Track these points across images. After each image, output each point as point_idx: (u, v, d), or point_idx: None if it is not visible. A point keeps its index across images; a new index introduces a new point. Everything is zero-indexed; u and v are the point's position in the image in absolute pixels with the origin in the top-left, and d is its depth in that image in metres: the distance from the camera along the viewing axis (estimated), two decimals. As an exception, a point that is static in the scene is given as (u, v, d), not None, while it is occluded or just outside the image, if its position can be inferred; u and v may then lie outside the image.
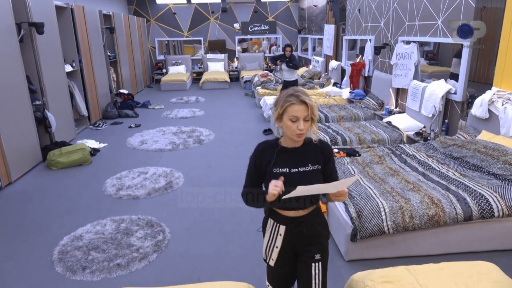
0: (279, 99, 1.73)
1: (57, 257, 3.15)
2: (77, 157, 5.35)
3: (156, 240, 3.35)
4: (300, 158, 1.77)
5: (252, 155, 1.85)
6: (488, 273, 2.11)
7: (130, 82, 10.67)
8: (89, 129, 7.44)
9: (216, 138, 6.64)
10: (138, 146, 6.22)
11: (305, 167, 1.76)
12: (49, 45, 5.87)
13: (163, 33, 13.28)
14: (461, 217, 2.91)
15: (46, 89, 5.71)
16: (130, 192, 4.41)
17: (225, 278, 2.80)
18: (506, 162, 3.35)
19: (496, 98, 3.96)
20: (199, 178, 4.83)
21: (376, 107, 6.55)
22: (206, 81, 11.98)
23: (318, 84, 9.29)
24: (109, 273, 2.93)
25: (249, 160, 1.87)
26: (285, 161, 1.76)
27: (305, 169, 1.76)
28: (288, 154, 1.77)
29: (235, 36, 13.54)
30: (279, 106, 1.70)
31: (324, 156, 1.81)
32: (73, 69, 6.95)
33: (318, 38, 11.34)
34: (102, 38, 8.38)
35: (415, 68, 5.63)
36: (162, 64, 13.43)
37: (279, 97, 1.73)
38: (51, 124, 5.68)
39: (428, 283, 2.03)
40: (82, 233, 3.51)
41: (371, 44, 7.21)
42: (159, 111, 9.02)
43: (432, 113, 4.94)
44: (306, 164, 1.77)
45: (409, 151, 4.19)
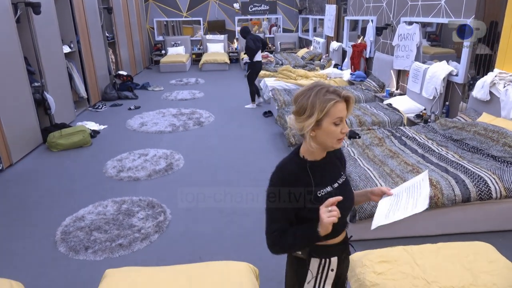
0: (311, 100, 1.28)
1: (60, 237, 3.20)
2: (77, 139, 5.36)
3: (157, 221, 3.39)
4: (332, 169, 1.44)
5: (279, 184, 1.37)
6: (484, 253, 2.15)
7: (129, 64, 10.57)
8: (88, 111, 7.42)
9: (216, 120, 6.63)
10: (138, 128, 6.21)
11: (341, 179, 1.44)
12: (47, 26, 5.79)
13: (162, 13, 13.07)
14: (459, 199, 2.94)
15: (44, 71, 5.66)
16: (131, 173, 4.43)
17: (225, 257, 2.84)
18: (506, 145, 3.36)
19: (498, 80, 3.93)
20: (199, 159, 4.85)
21: (377, 89, 6.51)
22: (206, 63, 11.87)
23: (318, 66, 9.21)
24: (112, 253, 2.98)
25: (270, 195, 1.38)
26: (322, 178, 1.39)
27: (341, 182, 1.44)
28: (321, 168, 1.40)
29: (235, 17, 13.33)
30: (318, 109, 1.27)
31: (341, 159, 1.53)
32: (71, 50, 6.87)
33: (319, 18, 11.17)
34: (100, 19, 8.26)
35: (417, 49, 5.57)
36: (161, 45, 13.27)
37: (309, 98, 1.29)
38: (50, 106, 5.66)
39: (425, 263, 2.07)
40: (84, 214, 3.55)
41: (372, 24, 7.11)
42: (158, 93, 8.97)
43: (433, 95, 4.92)
44: (340, 175, 1.45)
45: (409, 133, 4.19)
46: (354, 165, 3.41)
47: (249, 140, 5.55)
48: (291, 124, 1.36)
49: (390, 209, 1.38)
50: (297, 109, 1.32)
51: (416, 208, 1.31)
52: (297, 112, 1.32)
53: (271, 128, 6.05)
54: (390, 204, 1.40)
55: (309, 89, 1.32)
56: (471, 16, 4.38)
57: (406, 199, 1.38)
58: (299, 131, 1.34)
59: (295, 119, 1.34)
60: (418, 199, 1.34)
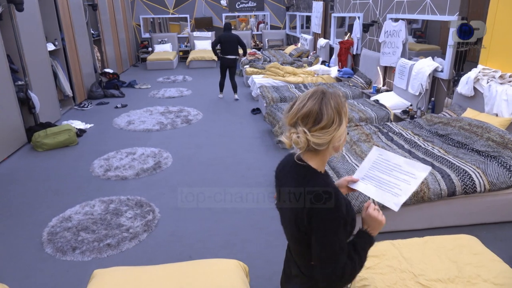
0: (334, 107, 1.19)
1: (46, 238, 3.15)
2: (63, 138, 5.28)
3: (146, 220, 3.37)
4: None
5: (341, 203, 1.21)
6: (469, 245, 2.20)
7: (115, 61, 10.44)
8: (74, 109, 7.31)
9: (204, 117, 6.61)
10: (125, 127, 6.15)
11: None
12: (30, 23, 5.68)
13: (148, 10, 12.92)
14: (445, 193, 2.99)
15: (28, 69, 5.55)
16: (119, 172, 4.39)
17: (215, 255, 2.84)
18: (489, 139, 3.43)
19: (482, 76, 4.01)
20: (188, 157, 4.83)
21: (364, 85, 6.57)
22: (193, 60, 11.80)
23: (306, 63, 9.24)
24: (100, 253, 2.95)
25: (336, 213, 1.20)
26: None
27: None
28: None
29: (222, 14, 13.26)
30: (343, 114, 1.22)
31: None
32: (56, 47, 6.75)
33: (306, 15, 11.20)
34: (84, 16, 8.13)
35: (402, 46, 5.63)
36: (147, 42, 13.14)
37: (330, 106, 1.19)
38: (34, 105, 5.56)
39: (412, 256, 2.11)
40: (71, 214, 3.50)
41: (359, 21, 7.16)
42: (145, 90, 8.89)
43: (419, 91, 4.98)
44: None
45: (396, 129, 4.24)
46: (342, 161, 3.44)
47: (238, 137, 5.54)
48: (309, 141, 1.20)
49: (385, 189, 1.37)
50: (325, 122, 1.18)
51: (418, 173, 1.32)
52: (326, 125, 1.18)
53: (259, 125, 6.05)
54: (378, 186, 1.39)
55: (319, 96, 1.21)
56: (455, 13, 4.44)
57: (391, 177, 1.37)
58: (321, 145, 1.21)
59: (321, 134, 1.19)
60: (412, 169, 1.34)
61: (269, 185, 3.97)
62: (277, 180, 1.39)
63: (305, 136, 1.19)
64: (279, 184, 1.37)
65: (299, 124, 1.21)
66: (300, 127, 1.20)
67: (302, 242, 1.27)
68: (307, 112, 1.19)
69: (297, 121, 1.21)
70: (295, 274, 1.40)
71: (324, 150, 1.23)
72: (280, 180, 1.37)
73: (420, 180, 1.32)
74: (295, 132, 1.22)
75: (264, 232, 3.18)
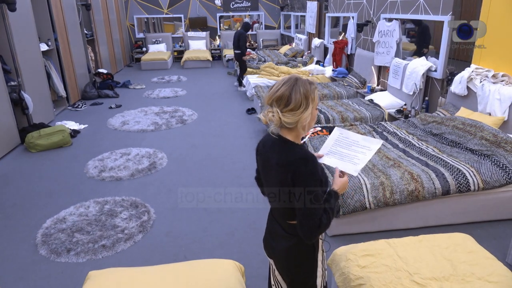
0: (303, 92, 1.43)
1: (40, 240, 3.13)
2: (56, 139, 5.24)
3: (141, 221, 3.36)
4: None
5: (317, 167, 1.47)
6: (464, 244, 2.21)
7: (109, 61, 10.38)
8: (68, 110, 7.26)
9: (199, 117, 6.59)
10: (120, 127, 6.12)
11: None
12: (23, 23, 5.63)
13: (142, 9, 12.87)
14: (439, 192, 3.01)
15: (21, 69, 5.50)
16: (113, 173, 4.36)
17: (211, 256, 2.84)
18: (483, 138, 3.46)
19: (475, 75, 4.04)
20: (183, 158, 4.82)
21: (359, 85, 6.59)
22: (188, 60, 11.77)
23: (301, 62, 9.25)
24: (95, 254, 2.93)
25: (316, 182, 1.45)
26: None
27: None
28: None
29: (217, 13, 13.25)
30: (311, 99, 1.45)
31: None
32: (49, 48, 6.70)
33: (301, 15, 11.22)
34: (78, 16, 8.07)
35: (396, 45, 5.66)
36: (141, 42, 13.08)
37: (299, 91, 1.43)
38: (28, 106, 5.51)
39: (407, 255, 2.11)
40: (66, 215, 3.48)
41: (353, 21, 7.18)
42: (140, 91, 8.85)
43: (413, 91, 5.01)
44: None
45: (390, 129, 4.26)
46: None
47: (233, 137, 5.54)
48: (281, 119, 1.43)
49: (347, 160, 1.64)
50: (293, 105, 1.41)
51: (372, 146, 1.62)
52: (294, 107, 1.42)
53: (254, 125, 6.05)
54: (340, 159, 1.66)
55: (291, 83, 1.44)
56: (448, 13, 4.47)
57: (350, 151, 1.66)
58: (291, 124, 1.44)
59: (290, 115, 1.42)
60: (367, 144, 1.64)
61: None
62: (259, 155, 1.63)
63: (278, 115, 1.43)
64: (262, 158, 1.60)
65: (274, 105, 1.45)
66: (275, 108, 1.45)
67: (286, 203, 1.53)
68: (280, 96, 1.43)
69: (272, 102, 1.45)
70: (280, 234, 1.63)
71: (295, 127, 1.47)
72: (262, 154, 1.60)
73: (374, 151, 1.61)
74: (271, 111, 1.46)
75: (260, 232, 3.18)
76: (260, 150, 1.63)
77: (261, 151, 1.62)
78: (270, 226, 1.73)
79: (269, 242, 1.71)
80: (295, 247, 1.58)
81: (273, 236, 1.68)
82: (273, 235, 1.68)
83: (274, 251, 1.66)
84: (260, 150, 1.63)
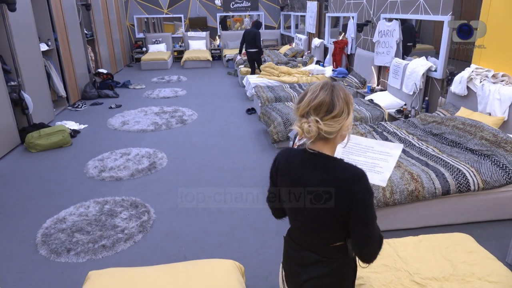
0: (343, 98, 1.30)
1: (40, 240, 3.13)
2: (56, 139, 5.24)
3: (141, 221, 3.36)
4: None
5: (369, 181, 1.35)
6: (464, 243, 2.21)
7: (109, 61, 10.38)
8: (68, 110, 7.26)
9: (199, 118, 6.59)
10: (120, 127, 6.12)
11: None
12: (23, 23, 5.63)
13: (142, 9, 12.87)
14: (439, 192, 3.01)
15: (21, 69, 5.50)
16: (113, 173, 4.36)
17: (211, 256, 2.84)
18: (483, 138, 3.45)
19: (475, 75, 4.04)
20: (183, 158, 4.82)
21: (359, 85, 6.59)
22: (188, 60, 11.77)
23: (301, 62, 9.25)
24: (94, 254, 2.93)
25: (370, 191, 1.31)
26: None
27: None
28: None
29: (217, 13, 13.24)
30: (351, 105, 1.33)
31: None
32: (49, 48, 6.70)
33: (301, 15, 11.22)
34: (78, 16, 8.07)
35: (396, 45, 5.66)
36: (141, 42, 13.07)
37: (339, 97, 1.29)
38: (28, 106, 5.51)
39: (407, 255, 2.12)
40: (66, 215, 3.47)
41: (353, 21, 7.18)
42: (140, 91, 8.85)
43: (413, 91, 5.01)
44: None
45: (390, 129, 4.26)
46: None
47: (233, 137, 5.54)
48: (320, 129, 1.28)
49: (366, 168, 1.52)
50: (337, 112, 1.27)
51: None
52: (337, 114, 1.28)
53: (254, 125, 6.05)
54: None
55: (329, 88, 1.30)
56: (448, 13, 4.47)
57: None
58: (332, 133, 1.30)
59: (332, 122, 1.28)
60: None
61: (264, 185, 3.97)
62: (284, 175, 1.42)
63: (317, 125, 1.27)
64: (290, 178, 1.40)
65: (311, 114, 1.28)
66: (312, 117, 1.28)
67: (334, 227, 1.36)
68: (320, 103, 1.27)
69: (309, 111, 1.28)
70: (313, 261, 1.42)
71: (333, 138, 1.32)
72: (289, 174, 1.40)
73: (396, 157, 1.50)
74: (306, 122, 1.29)
75: (260, 232, 3.18)
76: (285, 167, 1.42)
77: (286, 169, 1.42)
78: (294, 255, 1.49)
79: (297, 273, 1.48)
80: (339, 269, 1.42)
81: (301, 265, 1.46)
82: (301, 265, 1.46)
83: (306, 280, 1.45)
84: (283, 167, 1.43)
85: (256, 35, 8.34)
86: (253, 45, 8.37)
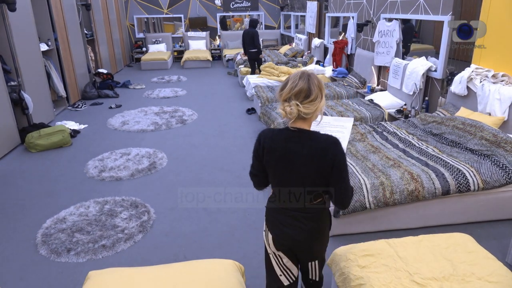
0: (318, 85, 1.60)
1: (40, 240, 3.13)
2: (56, 139, 5.24)
3: (141, 221, 3.36)
4: None
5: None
6: (464, 244, 2.21)
7: (109, 61, 10.38)
8: (68, 110, 7.26)
9: (199, 118, 6.59)
10: (120, 127, 6.12)
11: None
12: (23, 23, 5.63)
13: (142, 9, 12.87)
14: (439, 192, 3.01)
15: (21, 69, 5.50)
16: (113, 173, 4.36)
17: (211, 256, 2.84)
18: (483, 138, 3.46)
19: (475, 75, 4.04)
20: (183, 158, 4.82)
21: (359, 85, 6.59)
22: (188, 60, 11.77)
23: (301, 62, 9.25)
24: (95, 254, 2.93)
25: (344, 154, 1.68)
26: None
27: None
28: None
29: (217, 13, 13.24)
30: (323, 89, 1.64)
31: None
32: (49, 48, 6.70)
33: (300, 15, 11.21)
34: (78, 16, 8.07)
35: (396, 45, 5.66)
36: (141, 42, 13.07)
37: (314, 84, 1.59)
38: (28, 106, 5.51)
39: (407, 255, 2.11)
40: (66, 215, 3.48)
41: (353, 21, 7.18)
42: (140, 91, 8.85)
43: (413, 91, 5.01)
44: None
45: (390, 129, 4.26)
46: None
47: (233, 137, 5.54)
48: (300, 111, 1.56)
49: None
50: (313, 96, 1.57)
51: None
52: (313, 98, 1.57)
53: (254, 125, 6.05)
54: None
55: (306, 77, 1.58)
56: (448, 13, 4.47)
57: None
58: (309, 114, 1.59)
59: (309, 105, 1.57)
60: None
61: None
62: (272, 151, 1.68)
63: (297, 108, 1.56)
64: (278, 152, 1.66)
65: (292, 99, 1.57)
66: (293, 101, 1.57)
67: (317, 186, 1.67)
68: (299, 90, 1.56)
69: (290, 96, 1.58)
70: (301, 218, 1.72)
71: (310, 117, 1.63)
72: (277, 148, 1.66)
73: (349, 129, 1.95)
74: (288, 105, 1.58)
75: (260, 232, 3.18)
76: (270, 145, 1.68)
77: (273, 146, 1.67)
78: (282, 218, 1.76)
79: (286, 233, 1.75)
80: (320, 221, 1.75)
81: (290, 225, 1.74)
82: (290, 224, 1.74)
83: (296, 237, 1.73)
84: (270, 145, 1.68)
85: (254, 35, 8.30)
86: (252, 45, 8.37)
